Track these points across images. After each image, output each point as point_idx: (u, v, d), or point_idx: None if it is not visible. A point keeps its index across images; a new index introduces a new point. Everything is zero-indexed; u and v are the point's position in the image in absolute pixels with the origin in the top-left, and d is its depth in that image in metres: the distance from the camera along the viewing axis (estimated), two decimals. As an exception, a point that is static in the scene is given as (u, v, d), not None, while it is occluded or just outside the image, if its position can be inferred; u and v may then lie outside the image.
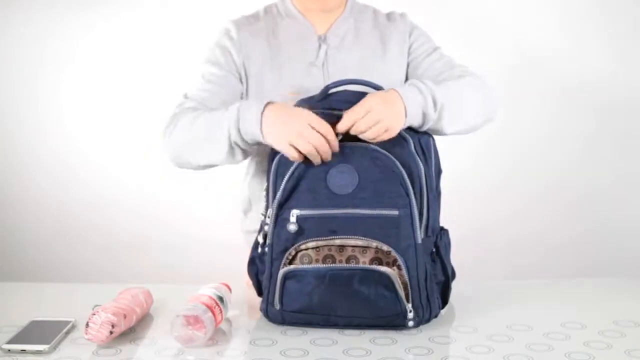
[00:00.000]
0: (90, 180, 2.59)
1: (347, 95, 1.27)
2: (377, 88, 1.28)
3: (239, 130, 1.23)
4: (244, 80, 1.42)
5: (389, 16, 1.51)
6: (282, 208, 1.18)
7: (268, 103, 1.22)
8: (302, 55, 1.42)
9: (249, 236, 1.43)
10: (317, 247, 1.16)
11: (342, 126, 1.19)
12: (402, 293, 1.13)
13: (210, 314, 1.12)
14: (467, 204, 2.47)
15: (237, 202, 1.55)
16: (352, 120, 1.19)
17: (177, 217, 2.57)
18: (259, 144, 1.25)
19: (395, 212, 1.13)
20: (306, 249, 1.16)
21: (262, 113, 1.21)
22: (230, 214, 1.65)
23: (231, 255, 1.48)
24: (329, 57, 1.42)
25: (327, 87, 1.29)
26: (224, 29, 1.45)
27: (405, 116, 1.23)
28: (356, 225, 1.15)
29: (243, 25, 1.44)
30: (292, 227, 1.16)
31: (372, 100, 1.21)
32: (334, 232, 1.15)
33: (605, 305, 1.31)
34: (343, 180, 1.16)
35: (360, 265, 1.14)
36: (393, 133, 1.20)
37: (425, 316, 1.17)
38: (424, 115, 1.26)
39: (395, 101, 1.23)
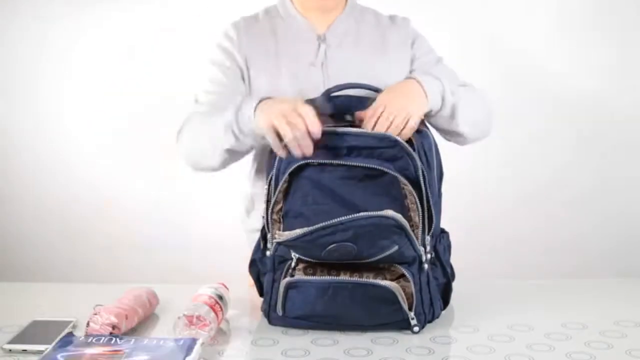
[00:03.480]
0: (91, 180, 2.59)
1: (349, 100, 1.28)
2: (379, 92, 1.28)
3: (237, 118, 1.24)
4: (246, 78, 1.43)
5: (392, 18, 1.51)
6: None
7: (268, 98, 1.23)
8: (302, 55, 1.42)
9: (251, 235, 1.43)
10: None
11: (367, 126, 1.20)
12: (405, 306, 1.13)
13: (212, 312, 1.12)
14: (467, 204, 2.47)
15: (239, 201, 1.55)
16: (372, 125, 1.19)
17: (179, 217, 2.57)
18: (254, 135, 1.24)
19: (395, 247, 1.11)
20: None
21: (259, 102, 1.22)
22: (233, 213, 1.64)
23: (234, 255, 1.48)
24: (328, 57, 1.42)
25: (328, 91, 1.29)
26: (224, 32, 1.46)
27: (427, 99, 1.26)
28: (358, 264, 1.14)
29: (242, 27, 1.45)
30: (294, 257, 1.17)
31: (383, 97, 1.24)
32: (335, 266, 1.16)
33: (606, 306, 1.31)
34: (341, 254, 1.12)
35: (364, 279, 1.13)
36: (416, 119, 1.22)
37: (428, 319, 1.17)
38: (443, 100, 1.30)
39: (411, 88, 1.27)
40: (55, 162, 2.59)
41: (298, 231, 1.11)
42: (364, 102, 1.26)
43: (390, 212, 1.10)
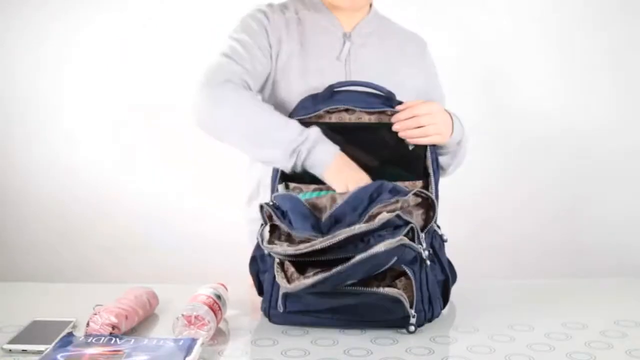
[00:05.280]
0: (91, 180, 2.59)
1: (351, 95, 1.32)
2: (382, 90, 1.31)
3: (306, 157, 1.27)
4: (274, 58, 1.43)
5: (412, 33, 1.57)
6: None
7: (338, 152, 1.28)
8: (327, 49, 1.45)
9: (252, 225, 1.42)
10: None
11: (401, 107, 1.30)
12: (407, 305, 1.13)
13: (211, 312, 1.12)
14: (468, 204, 2.47)
15: (244, 187, 1.54)
16: (410, 105, 1.30)
17: (179, 218, 2.57)
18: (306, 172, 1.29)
19: (394, 259, 1.10)
20: None
21: (334, 155, 1.27)
22: (233, 214, 1.64)
23: (233, 255, 1.48)
24: (352, 54, 1.45)
25: (332, 87, 1.33)
26: (259, 9, 1.46)
27: (453, 130, 1.36)
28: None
29: (275, 11, 1.47)
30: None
31: (438, 106, 1.34)
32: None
33: (606, 305, 1.32)
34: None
35: (364, 289, 1.11)
36: (438, 140, 1.32)
37: (428, 317, 1.17)
38: (458, 143, 1.42)
39: (446, 113, 1.36)
40: (55, 162, 2.59)
41: (306, 282, 1.07)
42: (368, 101, 1.31)
43: (382, 248, 1.06)
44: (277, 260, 1.14)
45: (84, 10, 2.53)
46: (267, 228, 1.18)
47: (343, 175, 1.25)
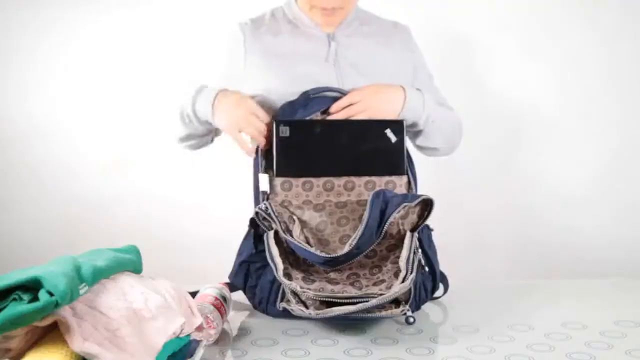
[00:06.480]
0: (91, 180, 2.59)
1: (326, 100, 1.37)
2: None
3: (194, 111, 1.42)
4: (251, 82, 1.45)
5: (393, 23, 1.58)
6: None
7: (219, 91, 1.38)
8: (313, 54, 1.46)
9: None
10: None
11: (333, 108, 1.36)
12: (406, 305, 1.16)
13: (217, 312, 1.12)
14: (468, 203, 2.47)
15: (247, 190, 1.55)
16: (340, 107, 1.35)
17: (179, 217, 2.57)
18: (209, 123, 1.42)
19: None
20: None
21: (214, 98, 1.37)
22: (233, 213, 1.64)
23: (234, 255, 1.48)
24: (339, 54, 1.46)
25: (307, 93, 1.37)
26: (231, 33, 1.49)
27: (404, 104, 1.37)
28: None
29: (249, 29, 1.48)
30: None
31: (367, 90, 1.37)
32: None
33: (606, 306, 1.32)
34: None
35: (368, 315, 1.13)
36: (372, 114, 1.35)
37: (418, 305, 1.21)
38: (432, 121, 1.42)
39: (391, 90, 1.38)
40: (55, 162, 2.59)
41: (328, 313, 1.12)
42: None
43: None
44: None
45: (84, 10, 2.53)
46: (275, 250, 1.22)
47: (226, 119, 1.36)
